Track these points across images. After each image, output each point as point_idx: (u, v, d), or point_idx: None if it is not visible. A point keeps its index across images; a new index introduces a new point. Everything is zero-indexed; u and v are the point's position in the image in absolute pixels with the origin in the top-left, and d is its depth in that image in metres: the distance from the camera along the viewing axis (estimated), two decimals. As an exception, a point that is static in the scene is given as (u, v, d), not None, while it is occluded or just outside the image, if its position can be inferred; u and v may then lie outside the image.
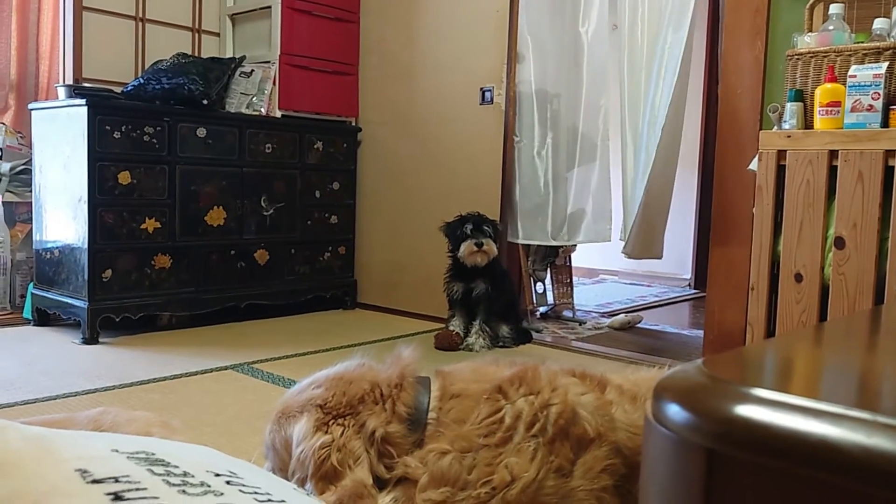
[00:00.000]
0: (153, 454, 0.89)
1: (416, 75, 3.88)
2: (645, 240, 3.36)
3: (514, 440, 1.22)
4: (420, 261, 3.90)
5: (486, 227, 3.17)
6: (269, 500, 0.88)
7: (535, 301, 3.96)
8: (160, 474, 0.82)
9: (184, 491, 0.80)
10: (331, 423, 1.27)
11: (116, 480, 0.77)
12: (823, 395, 0.50)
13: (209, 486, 0.85)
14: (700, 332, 3.37)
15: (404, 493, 1.22)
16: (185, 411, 2.25)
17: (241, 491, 0.87)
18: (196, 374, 2.67)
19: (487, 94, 3.60)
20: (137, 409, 2.25)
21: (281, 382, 2.59)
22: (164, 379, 2.59)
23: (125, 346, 3.07)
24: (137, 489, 0.76)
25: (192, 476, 0.86)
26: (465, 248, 3.14)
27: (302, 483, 1.26)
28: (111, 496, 0.73)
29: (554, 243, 3.76)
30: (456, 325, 3.27)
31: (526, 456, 1.20)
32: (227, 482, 0.89)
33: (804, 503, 0.46)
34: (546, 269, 4.05)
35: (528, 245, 3.87)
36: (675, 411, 0.55)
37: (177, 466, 0.87)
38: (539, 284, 4.02)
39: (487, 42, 3.60)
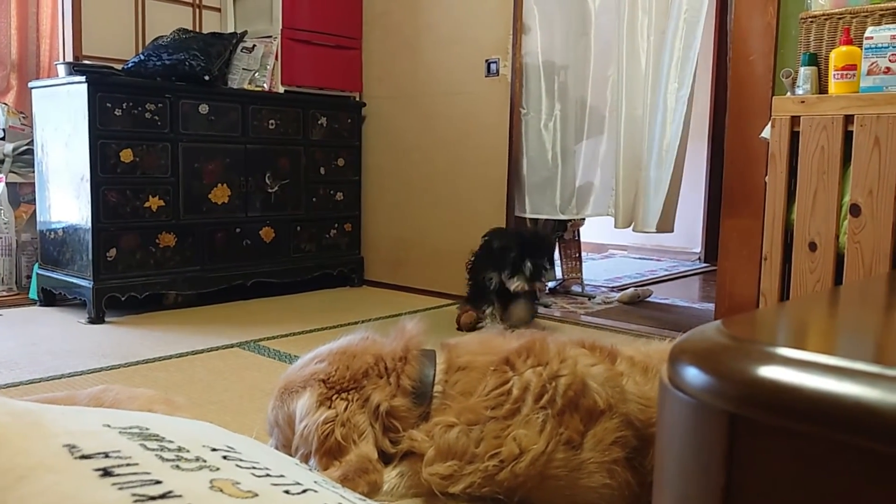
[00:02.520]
0: (147, 429, 0.86)
1: (420, 48, 3.81)
2: (660, 212, 3.31)
3: (522, 412, 1.19)
4: (426, 237, 3.87)
5: (544, 264, 2.95)
6: (268, 475, 0.85)
7: (543, 276, 3.92)
8: (153, 449, 0.79)
9: (177, 466, 0.77)
10: (334, 397, 1.24)
11: (106, 456, 0.74)
12: (854, 355, 0.46)
13: (205, 460, 0.82)
14: (711, 306, 3.32)
15: (410, 467, 1.20)
16: (190, 389, 2.23)
17: (237, 466, 0.84)
18: (202, 352, 2.65)
19: (493, 66, 3.54)
20: (142, 387, 2.23)
21: (287, 359, 2.57)
22: (170, 357, 2.57)
23: (131, 326, 3.05)
24: (128, 464, 0.73)
25: (188, 451, 0.83)
26: (517, 286, 2.92)
27: (306, 459, 1.23)
28: (100, 472, 0.70)
29: (562, 217, 3.71)
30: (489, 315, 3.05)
31: (535, 428, 1.17)
32: (224, 457, 0.86)
33: (836, 470, 0.43)
34: (555, 244, 4.00)
35: (536, 219, 3.83)
36: (693, 374, 0.51)
37: (171, 441, 0.84)
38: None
39: (493, 13, 3.53)
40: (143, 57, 3.30)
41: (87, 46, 3.54)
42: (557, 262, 4.07)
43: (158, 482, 0.73)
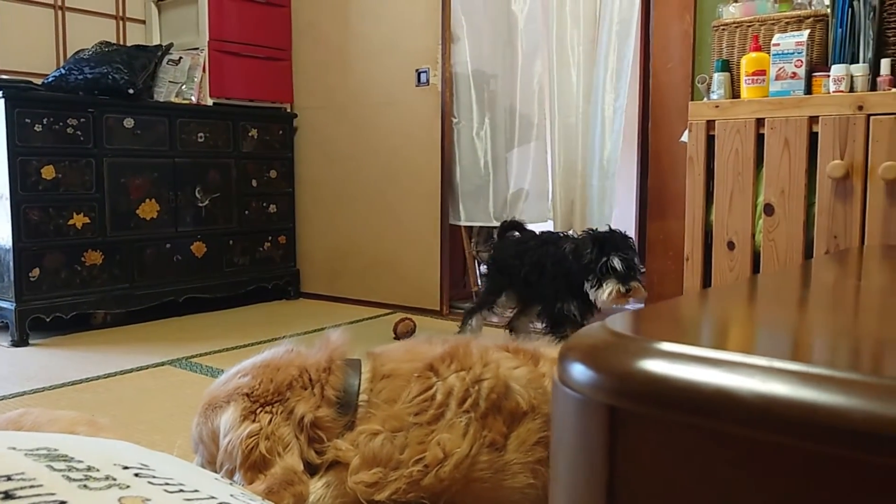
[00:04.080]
0: (56, 450, 0.84)
1: (350, 58, 3.82)
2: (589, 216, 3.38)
3: (445, 416, 1.20)
4: (363, 247, 3.86)
5: (636, 262, 2.39)
6: (181, 490, 0.84)
7: (479, 282, 3.95)
8: (60, 470, 0.78)
9: (85, 486, 0.76)
10: (258, 411, 1.23)
11: (8, 478, 0.72)
12: (719, 345, 0.49)
13: (115, 479, 0.81)
14: (642, 306, 3.40)
15: (336, 477, 1.20)
16: (118, 409, 2.18)
17: (150, 483, 0.84)
18: (131, 371, 2.59)
19: (423, 76, 3.56)
20: (68, 409, 2.17)
21: (220, 376, 2.53)
22: (98, 378, 2.50)
23: (57, 347, 2.96)
24: (32, 486, 0.72)
25: (97, 470, 0.82)
26: (610, 292, 2.36)
27: (231, 474, 1.22)
28: (1, 495, 0.69)
29: (497, 224, 3.75)
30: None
31: (458, 432, 1.18)
32: (136, 474, 0.85)
33: (705, 455, 0.45)
34: (489, 251, 4.04)
35: (471, 227, 3.86)
36: (579, 371, 0.53)
37: (80, 461, 0.83)
38: (483, 266, 4.01)
39: (421, 23, 3.56)
40: (63, 71, 3.22)
41: (3, 60, 3.43)
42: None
43: (63, 503, 0.72)
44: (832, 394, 0.41)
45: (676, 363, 0.48)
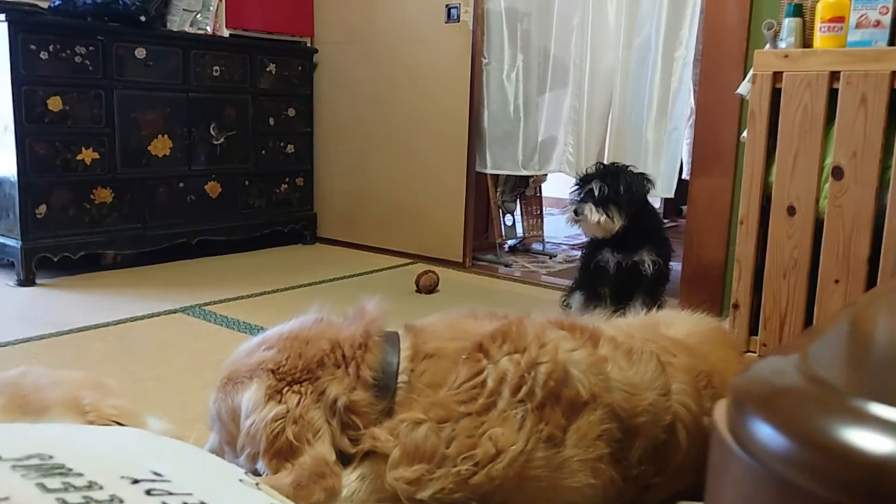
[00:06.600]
0: (50, 458, 0.69)
1: (375, -9, 3.58)
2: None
3: (498, 407, 1.06)
4: (383, 192, 3.69)
5: (591, 188, 2.36)
6: (203, 510, 0.70)
7: (503, 234, 3.80)
8: (54, 490, 0.63)
9: (85, 511, 0.62)
10: (285, 390, 1.09)
11: (-11, 508, 0.58)
12: None
13: (122, 500, 0.66)
14: (676, 265, 3.24)
15: (372, 470, 1.06)
16: (127, 361, 2.05)
17: (164, 503, 0.69)
18: (143, 318, 2.47)
19: (454, 12, 3.34)
20: (75, 359, 2.05)
21: (236, 326, 2.40)
22: (107, 325, 2.38)
23: (65, 288, 2.84)
24: (20, 516, 0.58)
25: (100, 488, 0.67)
26: (566, 217, 2.51)
27: (253, 459, 1.09)
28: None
29: (524, 173, 3.56)
30: (577, 302, 2.55)
31: (512, 425, 1.04)
32: (148, 491, 0.70)
33: None
34: (515, 201, 3.87)
35: (497, 175, 3.68)
36: (768, 435, 0.38)
37: (80, 475, 0.68)
38: (508, 216, 3.85)
39: (453, -46, 3.31)
40: (71, -6, 3.01)
41: (8, -19, 3.22)
42: (518, 219, 3.94)
43: (56, 545, 0.57)
44: None
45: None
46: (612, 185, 2.36)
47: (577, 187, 2.47)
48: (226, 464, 1.08)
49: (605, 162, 2.66)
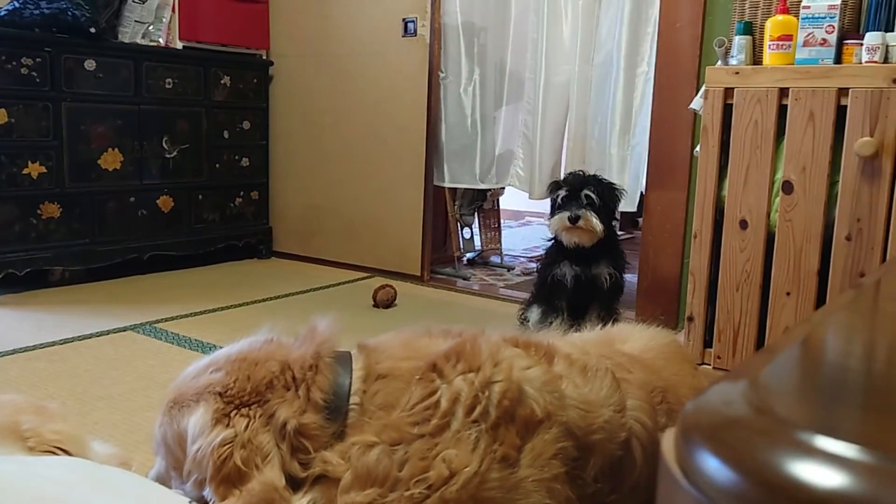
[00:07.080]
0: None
1: (332, 3, 3.56)
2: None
3: (452, 427, 1.04)
4: (340, 206, 3.66)
5: (588, 194, 2.35)
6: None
7: (462, 247, 3.79)
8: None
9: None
10: (233, 413, 1.06)
11: None
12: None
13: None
14: (630, 276, 3.26)
15: (323, 495, 1.03)
16: (74, 382, 1.99)
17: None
18: (90, 336, 2.40)
19: (410, 26, 3.33)
20: (20, 380, 1.98)
21: (188, 344, 2.35)
22: (53, 344, 2.30)
23: (9, 306, 2.74)
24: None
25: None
26: (557, 222, 2.36)
27: (200, 486, 1.05)
28: None
29: (482, 186, 3.57)
30: (535, 316, 2.49)
31: (466, 446, 1.02)
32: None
33: None
34: (473, 214, 3.87)
35: (455, 188, 3.68)
36: (715, 469, 0.37)
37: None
38: (466, 230, 3.85)
39: (410, -32, 3.31)
40: (17, 5, 2.93)
41: (-49, -10, 3.13)
42: (476, 232, 3.94)
43: None
44: None
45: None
46: (598, 192, 2.37)
47: (564, 193, 2.39)
48: (170, 493, 1.04)
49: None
